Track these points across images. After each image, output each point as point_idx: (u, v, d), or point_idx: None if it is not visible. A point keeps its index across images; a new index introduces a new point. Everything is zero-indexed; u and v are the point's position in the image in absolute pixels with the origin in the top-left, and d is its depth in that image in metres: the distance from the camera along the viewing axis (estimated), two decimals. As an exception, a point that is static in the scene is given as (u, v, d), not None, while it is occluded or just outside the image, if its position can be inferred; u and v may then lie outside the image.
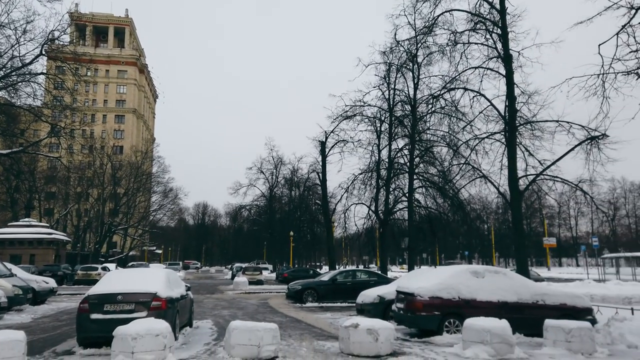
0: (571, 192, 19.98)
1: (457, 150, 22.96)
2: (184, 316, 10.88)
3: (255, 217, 66.07)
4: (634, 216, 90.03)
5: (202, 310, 16.54)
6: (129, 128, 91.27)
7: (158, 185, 65.52)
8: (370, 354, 7.94)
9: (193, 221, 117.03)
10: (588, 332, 8.56)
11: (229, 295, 24.63)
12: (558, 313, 10.39)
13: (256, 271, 36.34)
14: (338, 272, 21.38)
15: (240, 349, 7.53)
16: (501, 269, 11.80)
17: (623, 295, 17.67)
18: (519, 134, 18.80)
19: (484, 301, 10.34)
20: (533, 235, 77.36)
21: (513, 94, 18.37)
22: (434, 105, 23.74)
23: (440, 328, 10.16)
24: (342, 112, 29.71)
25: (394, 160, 29.12)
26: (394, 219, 30.91)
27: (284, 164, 59.80)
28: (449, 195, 27.17)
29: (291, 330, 11.51)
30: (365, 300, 14.14)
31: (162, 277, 9.79)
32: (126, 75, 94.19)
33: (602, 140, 16.58)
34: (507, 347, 8.06)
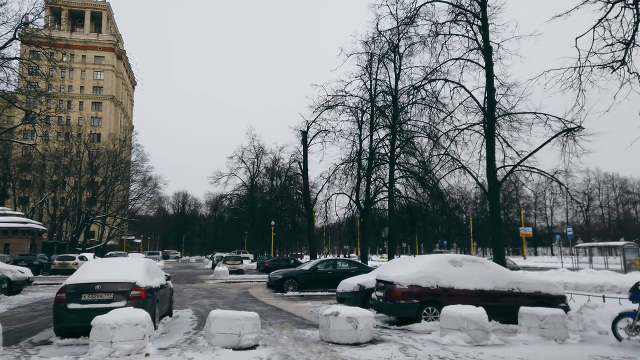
0: (547, 183, 20.42)
1: (437, 141, 23.21)
2: (163, 306, 10.83)
3: (236, 206, 65.77)
4: (607, 207, 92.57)
5: (182, 299, 16.48)
6: (107, 115, 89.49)
7: (137, 174, 64.61)
8: (350, 342, 8.04)
9: (173, 210, 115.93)
10: (561, 319, 8.82)
11: (210, 284, 24.56)
12: (533, 301, 10.66)
13: (237, 260, 36.26)
14: (319, 262, 21.50)
15: (220, 337, 7.54)
16: (478, 258, 12.04)
17: (595, 284, 18.18)
18: (497, 126, 19.09)
19: (462, 289, 10.55)
20: (510, 225, 78.97)
21: (492, 85, 18.61)
22: (415, 96, 23.89)
23: (418, 316, 10.33)
24: (324, 102, 29.71)
25: (375, 150, 29.27)
26: (374, 209, 31.15)
27: (265, 153, 59.56)
28: (428, 186, 27.48)
29: (272, 319, 11.56)
30: (345, 289, 14.27)
31: (141, 266, 9.71)
32: (103, 62, 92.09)
33: (578, 132, 16.96)
34: (483, 334, 8.25)
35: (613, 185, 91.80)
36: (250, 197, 61.20)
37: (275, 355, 7.03)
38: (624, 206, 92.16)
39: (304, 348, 7.66)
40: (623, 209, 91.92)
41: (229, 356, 6.92)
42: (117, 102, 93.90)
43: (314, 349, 7.61)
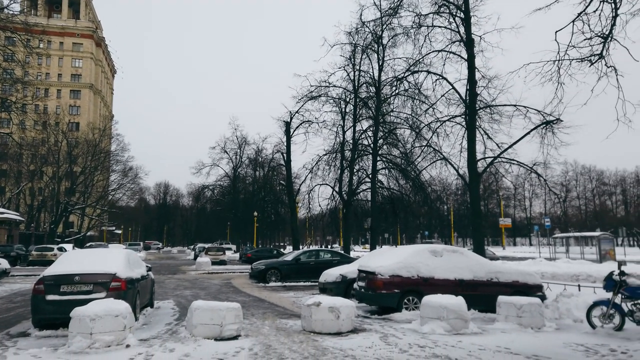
0: (526, 174, 20.69)
1: (420, 132, 23.35)
2: (144, 297, 10.77)
3: (218, 197, 65.37)
4: (584, 198, 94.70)
5: (164, 290, 16.39)
6: (86, 104, 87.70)
7: (117, 163, 63.55)
8: (332, 331, 8.11)
9: (154, 201, 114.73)
10: (538, 308, 9.03)
11: (192, 275, 24.45)
12: (511, 290, 10.90)
13: (219, 251, 36.14)
14: (301, 252, 21.56)
15: (202, 328, 7.54)
16: (458, 248, 12.22)
17: (571, 273, 18.64)
18: (478, 118, 19.29)
19: (442, 279, 10.71)
20: (490, 216, 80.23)
21: (474, 78, 18.76)
22: (398, 87, 23.96)
23: (399, 305, 10.47)
24: (307, 93, 29.62)
25: (358, 141, 29.34)
26: (357, 200, 31.29)
27: (248, 144, 59.20)
28: (410, 177, 27.70)
29: (254, 310, 11.59)
30: (327, 279, 14.36)
31: (121, 257, 9.63)
32: (82, 49, 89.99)
33: (557, 124, 17.25)
34: (462, 323, 8.41)
35: (590, 177, 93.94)
36: (232, 187, 60.85)
37: (257, 346, 7.06)
38: (600, 197, 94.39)
39: (286, 338, 7.71)
40: (599, 200, 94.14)
41: (210, 346, 6.92)
42: (96, 90, 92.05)
43: (296, 338, 7.66)
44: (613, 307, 8.48)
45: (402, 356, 6.44)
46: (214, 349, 6.73)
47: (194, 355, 6.40)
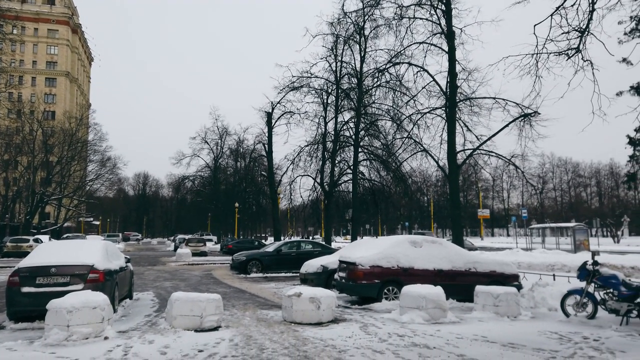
0: (504, 166, 21.16)
1: (401, 124, 23.47)
2: (123, 288, 10.66)
3: (199, 188, 64.79)
4: (560, 189, 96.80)
5: (143, 282, 16.23)
6: (62, 92, 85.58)
7: (95, 153, 62.30)
8: (313, 321, 8.16)
9: (133, 192, 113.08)
10: (514, 297, 9.23)
11: (172, 266, 24.26)
12: (488, 280, 11.11)
13: (200, 242, 35.90)
14: (283, 243, 21.57)
15: (182, 319, 7.50)
16: (438, 238, 12.38)
17: (547, 263, 19.06)
18: (458, 110, 19.46)
19: (421, 269, 10.85)
20: (469, 207, 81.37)
21: (454, 70, 18.90)
22: (380, 79, 24.00)
23: (379, 295, 10.58)
24: (289, 83, 29.45)
25: (340, 132, 29.36)
26: (338, 191, 31.38)
27: (229, 134, 58.68)
28: (391, 168, 27.87)
29: (235, 301, 11.57)
30: (308, 270, 14.41)
31: (99, 248, 9.50)
32: (57, 35, 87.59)
33: (534, 117, 17.54)
34: (441, 312, 8.54)
35: (566, 169, 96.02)
36: (213, 178, 60.34)
37: (237, 336, 7.06)
38: (575, 189, 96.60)
39: (267, 328, 7.73)
40: (575, 191, 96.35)
41: (190, 338, 6.90)
42: (73, 78, 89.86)
43: (277, 329, 7.68)
44: (586, 296, 8.72)
45: (381, 345, 6.52)
46: (194, 340, 6.71)
47: (174, 346, 6.37)
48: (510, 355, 6.04)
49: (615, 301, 8.27)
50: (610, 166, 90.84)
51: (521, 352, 6.25)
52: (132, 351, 6.09)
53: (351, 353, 6.06)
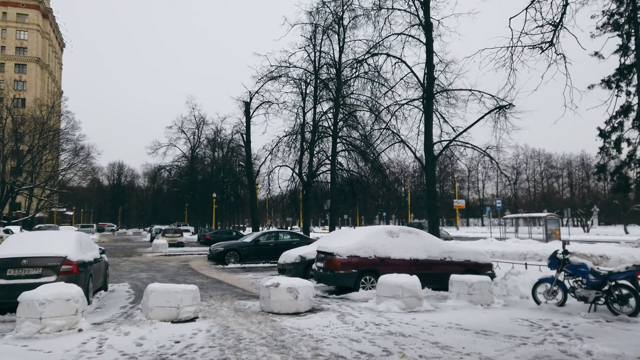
0: (480, 157, 21.52)
1: (379, 115, 23.58)
2: (98, 280, 10.50)
3: (175, 178, 63.98)
4: (532, 180, 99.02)
5: (119, 273, 16.02)
6: (32, 79, 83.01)
7: (67, 142, 60.78)
8: (290, 311, 8.20)
9: (108, 182, 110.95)
10: (487, 286, 9.45)
11: (148, 257, 23.99)
12: (463, 269, 11.33)
13: (177, 233, 35.56)
14: (261, 234, 21.54)
15: (158, 311, 7.44)
16: (414, 229, 12.55)
17: (520, 252, 19.52)
18: (435, 101, 19.66)
19: (398, 259, 10.99)
20: (445, 197, 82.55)
21: (432, 62, 19.04)
22: (358, 69, 24.03)
23: (357, 285, 10.70)
24: (267, 73, 29.21)
25: (319, 123, 29.32)
26: (317, 182, 31.41)
27: (206, 123, 58.03)
28: (369, 159, 28.02)
29: (212, 291, 11.53)
30: (286, 260, 14.44)
31: (72, 240, 9.33)
32: (27, 20, 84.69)
33: (509, 109, 17.85)
34: (417, 301, 8.69)
35: (539, 160, 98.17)
36: (190, 168, 59.67)
37: (215, 327, 7.05)
38: (548, 180, 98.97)
39: (244, 319, 7.74)
40: (547, 182, 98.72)
41: (167, 329, 6.85)
42: (44, 64, 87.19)
43: (254, 319, 7.70)
44: (556, 284, 8.98)
45: (358, 334, 6.60)
46: (170, 332, 6.67)
47: (150, 338, 6.32)
48: (483, 342, 6.19)
49: (584, 289, 8.55)
50: (582, 158, 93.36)
51: (494, 339, 6.41)
52: (107, 343, 6.03)
53: (328, 342, 6.12)
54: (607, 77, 19.46)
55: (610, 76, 19.37)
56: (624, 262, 14.34)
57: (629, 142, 19.68)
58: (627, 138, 19.63)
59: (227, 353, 5.56)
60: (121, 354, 5.51)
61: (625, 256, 16.13)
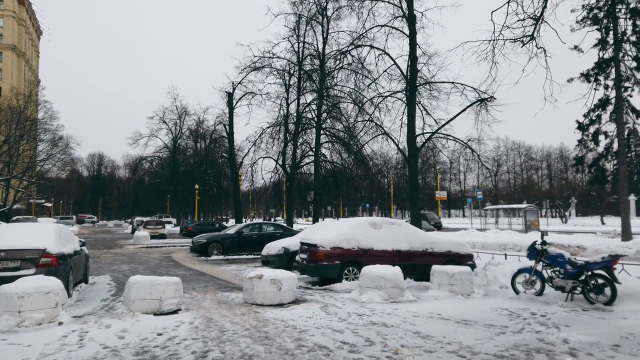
0: (461, 149, 21.66)
1: (362, 107, 23.64)
2: (78, 272, 10.37)
3: (157, 169, 63.22)
4: (513, 172, 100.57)
5: (100, 265, 15.84)
6: (8, 67, 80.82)
7: (45, 132, 59.41)
8: (274, 303, 8.22)
9: (88, 172, 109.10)
10: (468, 276, 9.60)
11: (129, 249, 23.75)
12: (444, 259, 11.49)
13: (158, 225, 35.24)
14: (244, 225, 21.48)
15: (140, 303, 7.38)
16: (397, 220, 12.67)
17: (499, 243, 19.87)
18: (418, 94, 19.78)
19: (380, 250, 11.09)
20: (427, 189, 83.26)
21: (415, 54, 19.13)
22: (342, 61, 24.04)
23: (340, 276, 10.77)
24: (250, 63, 29.01)
25: (302, 114, 29.25)
26: (300, 173, 31.41)
27: (188, 114, 57.36)
28: (353, 151, 28.10)
29: (195, 283, 11.49)
30: (270, 252, 14.45)
31: (51, 232, 9.17)
32: (2, 6, 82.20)
33: (490, 102, 18.09)
34: (399, 291, 8.79)
35: (519, 152, 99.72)
36: (172, 159, 59.01)
37: (198, 319, 7.03)
38: (527, 172, 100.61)
39: (228, 310, 7.73)
40: (527, 174, 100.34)
41: (149, 321, 6.81)
42: (20, 52, 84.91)
43: (238, 311, 7.70)
44: (535, 274, 9.17)
45: (341, 325, 6.66)
46: (153, 324, 6.63)
47: (132, 330, 6.28)
48: (463, 332, 6.30)
49: (561, 279, 8.75)
50: (561, 150, 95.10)
51: (474, 328, 6.54)
52: (89, 336, 5.96)
53: (311, 333, 6.16)
54: (586, 70, 19.81)
55: (589, 70, 19.73)
56: (600, 252, 14.73)
57: (606, 134, 20.12)
58: (604, 131, 20.07)
59: (211, 345, 5.56)
60: (102, 347, 5.47)
61: (601, 246, 16.54)
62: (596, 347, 5.56)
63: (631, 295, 8.14)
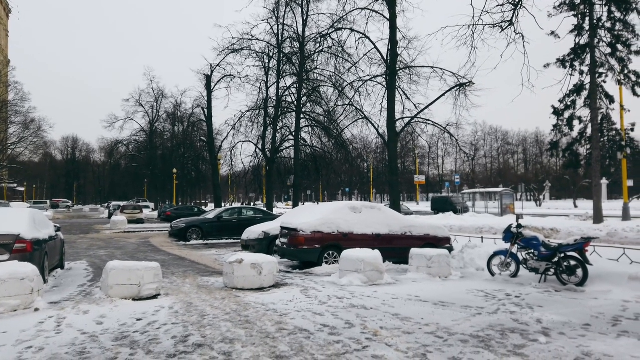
0: (440, 134, 21.97)
1: (342, 91, 23.57)
2: (53, 258, 10.20)
3: (134, 153, 62.14)
4: (490, 156, 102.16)
5: (76, 251, 15.59)
6: (-25, 47, 77.78)
7: (16, 115, 57.62)
8: (254, 287, 8.24)
9: (61, 156, 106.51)
10: (445, 259, 9.79)
11: (106, 234, 23.42)
12: (422, 242, 11.67)
13: (136, 209, 34.80)
14: (224, 210, 21.37)
15: (119, 288, 7.31)
16: (376, 204, 12.78)
17: (476, 226, 20.25)
18: (398, 78, 19.81)
19: (360, 234, 11.19)
20: (406, 173, 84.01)
21: (395, 38, 19.09)
22: (322, 44, 23.84)
23: (320, 260, 10.85)
24: (229, 45, 28.53)
25: (282, 98, 29.01)
26: (280, 157, 31.28)
27: (165, 97, 56.34)
28: (333, 135, 28.08)
29: (174, 268, 11.42)
30: (250, 236, 14.44)
31: (25, 217, 8.97)
32: (-33, -18, 78.64)
33: (469, 87, 18.24)
34: (378, 274, 8.91)
35: (496, 137, 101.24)
36: (149, 143, 58.06)
37: (177, 304, 7.01)
38: (504, 156, 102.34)
39: (208, 295, 7.72)
40: (503, 158, 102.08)
41: (128, 307, 6.76)
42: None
43: (218, 295, 7.70)
44: (510, 256, 9.40)
45: (321, 308, 6.73)
46: (132, 309, 6.59)
47: (111, 316, 6.22)
48: (441, 313, 6.44)
49: (535, 261, 8.99)
50: (536, 135, 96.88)
51: (451, 309, 6.68)
52: (66, 322, 5.89)
53: (292, 316, 6.21)
54: (562, 56, 20.09)
55: (565, 55, 20.02)
56: (573, 234, 15.14)
57: (580, 119, 20.53)
58: (579, 116, 20.48)
59: (191, 329, 5.56)
60: (81, 333, 5.41)
61: (574, 229, 17.01)
62: (568, 326, 5.75)
63: (602, 276, 8.42)
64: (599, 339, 5.19)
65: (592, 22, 19.27)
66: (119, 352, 4.72)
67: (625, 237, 15.17)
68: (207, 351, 4.73)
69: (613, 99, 20.27)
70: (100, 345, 4.97)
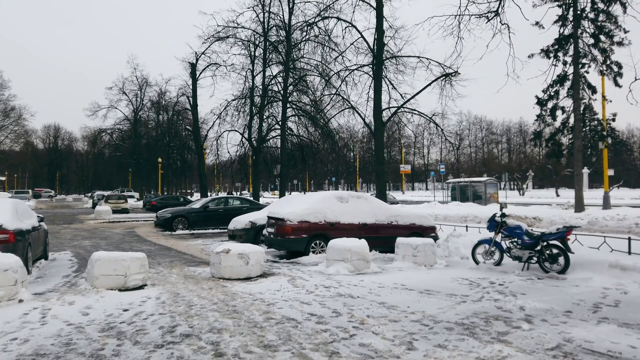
0: (426, 124, 22.09)
1: (329, 80, 23.49)
2: (37, 249, 10.07)
3: (118, 142, 61.33)
4: (474, 146, 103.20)
5: (60, 241, 15.41)
6: (-49, 32, 75.55)
7: (-4, 103, 56.45)
8: (241, 277, 8.25)
9: (43, 145, 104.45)
10: (430, 247, 9.90)
11: (90, 224, 23.18)
12: (408, 231, 11.79)
13: (121, 199, 34.49)
14: (210, 199, 21.28)
15: (105, 279, 7.26)
16: (363, 194, 12.85)
17: (461, 215, 20.50)
18: (385, 68, 19.80)
19: (347, 223, 11.26)
20: (392, 163, 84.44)
21: (382, 27, 19.04)
22: (309, 33, 23.69)
23: (307, 249, 10.90)
24: (214, 33, 28.23)
25: (268, 87, 28.82)
26: (266, 147, 31.17)
27: (149, 85, 55.58)
28: (320, 125, 28.03)
29: (161, 258, 11.37)
30: (237, 226, 14.41)
31: (8, 207, 8.82)
32: (-59, -35, 76.21)
33: (455, 77, 18.33)
34: (364, 263, 8.99)
35: (481, 127, 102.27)
36: (134, 132, 57.33)
37: (164, 294, 6.99)
38: (488, 146, 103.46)
39: (195, 285, 7.71)
40: (488, 148, 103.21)
41: (114, 297, 6.72)
42: (-36, 16, 79.37)
43: (205, 285, 7.69)
44: (494, 245, 9.55)
45: (308, 297, 6.77)
46: (118, 300, 6.55)
47: (97, 306, 6.18)
48: (426, 301, 6.53)
49: (518, 249, 9.14)
50: (520, 124, 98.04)
51: (436, 297, 6.78)
52: (51, 313, 5.84)
53: (279, 305, 6.24)
54: (547, 46, 20.29)
55: (549, 46, 20.21)
56: (555, 223, 15.44)
57: (563, 110, 20.81)
58: (562, 106, 20.75)
59: (179, 319, 5.55)
60: (66, 324, 5.37)
61: (556, 218, 17.33)
62: (550, 313, 5.88)
63: (583, 264, 8.61)
64: (580, 325, 5.33)
65: (576, 13, 19.45)
66: (105, 343, 4.70)
67: (605, 225, 15.52)
68: (195, 341, 4.73)
69: (595, 90, 20.56)
70: (87, 336, 4.94)
